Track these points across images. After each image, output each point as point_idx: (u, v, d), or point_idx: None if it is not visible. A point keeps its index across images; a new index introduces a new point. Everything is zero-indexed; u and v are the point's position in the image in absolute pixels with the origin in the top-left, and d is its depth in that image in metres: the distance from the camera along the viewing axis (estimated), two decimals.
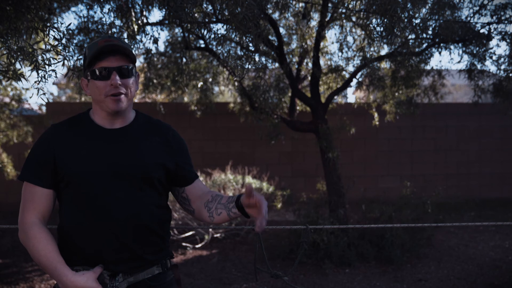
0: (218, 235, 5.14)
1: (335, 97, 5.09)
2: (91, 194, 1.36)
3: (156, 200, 1.47)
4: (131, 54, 1.41)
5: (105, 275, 1.36)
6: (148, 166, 1.43)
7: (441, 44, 4.13)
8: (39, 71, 2.02)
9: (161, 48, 20.23)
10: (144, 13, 3.28)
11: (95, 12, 5.05)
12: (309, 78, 5.10)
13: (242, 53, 3.14)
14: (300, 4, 4.65)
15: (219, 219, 1.48)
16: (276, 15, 5.12)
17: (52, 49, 2.04)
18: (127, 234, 1.38)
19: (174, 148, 1.53)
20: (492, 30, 3.84)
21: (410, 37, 3.86)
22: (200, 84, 5.69)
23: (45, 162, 1.39)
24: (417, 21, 3.18)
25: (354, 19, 4.47)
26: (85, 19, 4.09)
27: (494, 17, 3.85)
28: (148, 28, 4.75)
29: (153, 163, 1.45)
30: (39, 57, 2.01)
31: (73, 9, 4.55)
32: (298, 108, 6.21)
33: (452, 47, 4.13)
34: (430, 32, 3.82)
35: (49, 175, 1.38)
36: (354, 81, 4.86)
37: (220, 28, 4.09)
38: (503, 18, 3.81)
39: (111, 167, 1.38)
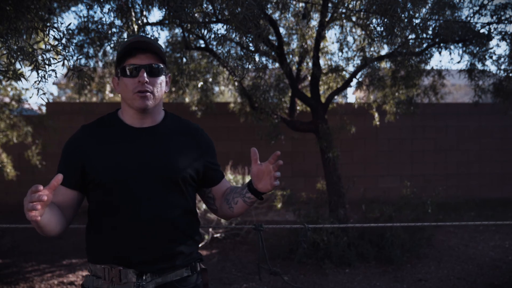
0: (218, 235, 5.14)
1: (335, 97, 5.09)
2: (121, 195, 1.36)
3: (185, 201, 1.46)
4: (161, 53, 1.41)
5: (132, 274, 1.36)
6: (179, 167, 1.42)
7: (441, 44, 4.13)
8: (39, 71, 2.01)
9: None
10: (144, 13, 3.28)
11: (95, 12, 5.07)
12: (309, 78, 5.10)
13: (242, 53, 3.14)
14: (300, 4, 4.65)
15: (237, 208, 1.50)
16: (276, 15, 5.11)
17: (52, 49, 2.04)
18: (157, 234, 1.37)
19: (203, 149, 1.52)
20: (492, 30, 3.84)
21: (410, 37, 3.86)
22: (200, 84, 5.69)
23: (73, 164, 1.39)
24: (417, 21, 3.18)
25: (354, 19, 4.47)
26: (85, 19, 4.10)
27: (494, 17, 3.85)
28: (148, 28, 4.74)
29: (183, 164, 1.44)
30: (39, 57, 2.01)
31: (73, 9, 4.55)
32: (298, 108, 6.21)
33: (452, 47, 4.13)
34: (430, 32, 3.81)
35: (75, 176, 1.39)
36: (354, 81, 4.86)
37: (220, 28, 4.09)
38: (503, 18, 3.81)
39: (141, 167, 1.38)
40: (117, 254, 1.37)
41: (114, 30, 3.95)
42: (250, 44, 3.27)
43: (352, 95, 24.30)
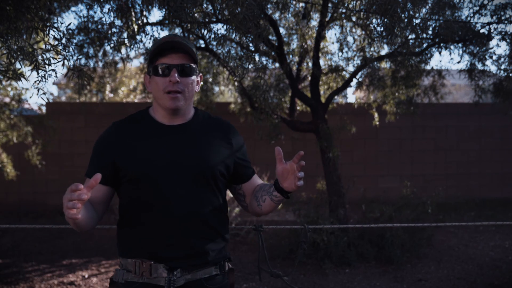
0: None
1: (335, 97, 5.08)
2: (152, 190, 1.38)
3: (216, 197, 1.46)
4: (193, 53, 1.42)
5: (163, 268, 1.37)
6: (209, 163, 1.43)
7: (441, 44, 4.13)
8: (39, 71, 2.01)
9: None
10: (144, 13, 3.28)
11: (95, 12, 5.06)
12: (309, 78, 5.10)
13: (242, 53, 3.14)
14: (300, 4, 4.64)
15: (265, 206, 1.49)
16: (276, 15, 5.12)
17: (52, 49, 2.04)
18: (187, 231, 1.38)
19: (233, 145, 1.52)
20: (492, 30, 3.84)
21: (410, 37, 3.86)
22: (200, 84, 5.68)
23: (105, 160, 1.41)
24: (417, 21, 3.18)
25: (354, 19, 4.47)
26: (85, 19, 4.09)
27: (494, 17, 3.85)
28: (148, 28, 4.75)
29: (214, 160, 1.44)
30: (39, 57, 2.01)
31: (73, 9, 4.55)
32: (298, 108, 6.21)
33: (452, 47, 4.13)
34: (430, 32, 3.81)
35: (107, 172, 1.40)
36: (354, 81, 4.86)
37: (220, 28, 4.08)
38: (503, 18, 3.81)
39: (172, 164, 1.39)
40: (148, 249, 1.38)
41: (114, 30, 3.95)
42: (250, 44, 3.27)
43: (352, 95, 24.31)
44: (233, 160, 1.51)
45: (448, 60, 14.73)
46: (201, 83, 1.62)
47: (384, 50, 5.08)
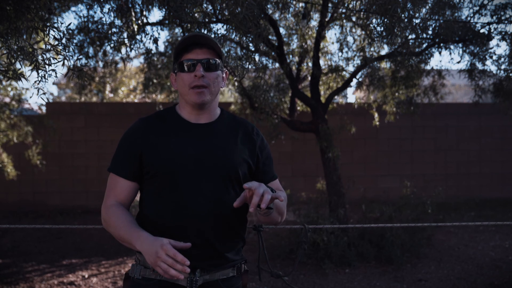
0: None
1: (335, 97, 5.09)
2: (175, 188, 1.37)
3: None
4: (217, 49, 1.42)
5: None
6: (234, 164, 1.42)
7: (441, 44, 4.14)
8: (39, 71, 2.01)
9: (161, 48, 20.23)
10: (144, 13, 3.28)
11: (95, 12, 5.06)
12: (309, 78, 5.10)
13: (242, 53, 3.14)
14: (300, 4, 4.65)
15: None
16: (276, 15, 5.12)
17: (52, 49, 2.04)
18: (209, 231, 1.37)
19: (258, 147, 1.51)
20: (492, 30, 3.84)
21: (410, 37, 3.86)
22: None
23: (131, 156, 1.41)
24: (417, 21, 3.18)
25: (354, 19, 4.47)
26: (85, 19, 4.10)
27: (494, 17, 3.85)
28: (148, 28, 4.75)
29: (238, 161, 1.43)
30: (39, 57, 2.01)
31: (73, 9, 4.55)
32: (298, 108, 6.21)
33: (452, 47, 4.13)
34: (430, 32, 3.82)
35: (134, 168, 1.41)
36: (354, 81, 4.86)
37: (220, 28, 4.09)
38: (503, 18, 3.81)
39: (197, 163, 1.38)
40: None
41: (114, 30, 3.95)
42: (250, 44, 3.28)
43: (352, 95, 24.33)
44: (257, 162, 1.50)
45: (448, 60, 14.74)
46: (227, 79, 1.61)
47: (384, 50, 5.08)
